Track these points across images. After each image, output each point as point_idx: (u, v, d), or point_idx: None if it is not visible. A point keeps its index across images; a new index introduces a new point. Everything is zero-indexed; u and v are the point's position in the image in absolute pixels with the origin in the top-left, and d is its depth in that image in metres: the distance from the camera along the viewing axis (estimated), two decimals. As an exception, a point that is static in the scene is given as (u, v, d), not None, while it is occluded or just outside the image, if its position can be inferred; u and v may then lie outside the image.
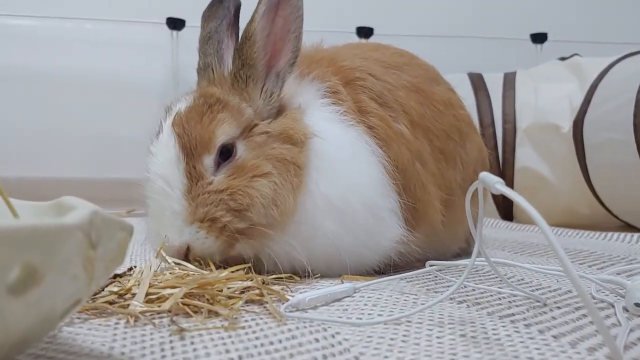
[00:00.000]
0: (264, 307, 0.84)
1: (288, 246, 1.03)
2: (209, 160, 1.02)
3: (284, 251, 1.03)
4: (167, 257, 0.98)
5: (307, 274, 1.05)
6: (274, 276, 1.01)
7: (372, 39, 3.24)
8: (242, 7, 1.21)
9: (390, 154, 1.13)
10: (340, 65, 1.22)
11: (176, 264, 0.97)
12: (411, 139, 1.19)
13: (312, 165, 1.06)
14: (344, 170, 1.08)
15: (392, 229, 1.12)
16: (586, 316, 0.80)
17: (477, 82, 2.71)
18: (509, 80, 2.70)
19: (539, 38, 3.41)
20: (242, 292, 0.86)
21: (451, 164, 1.28)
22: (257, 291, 0.87)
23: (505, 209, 2.59)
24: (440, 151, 1.26)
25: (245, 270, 0.96)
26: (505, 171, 2.56)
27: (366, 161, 1.11)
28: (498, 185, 0.64)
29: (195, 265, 0.97)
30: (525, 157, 2.53)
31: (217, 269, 0.97)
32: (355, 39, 3.21)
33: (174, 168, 1.01)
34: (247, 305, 0.84)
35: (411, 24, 3.32)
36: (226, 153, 1.03)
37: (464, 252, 1.44)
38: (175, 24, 3.09)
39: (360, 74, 1.21)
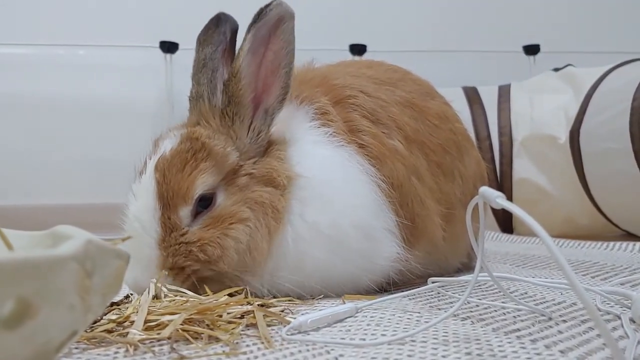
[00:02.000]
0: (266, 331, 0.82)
1: (268, 282, 1.03)
2: (184, 211, 1.01)
3: (267, 285, 1.03)
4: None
5: (303, 297, 1.04)
6: (274, 300, 1.00)
7: (365, 56, 3.25)
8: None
9: (385, 171, 1.12)
10: (331, 84, 1.21)
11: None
12: (406, 154, 1.18)
13: (296, 197, 1.05)
14: (333, 194, 1.07)
15: (388, 248, 1.10)
16: (593, 329, 0.79)
17: (472, 96, 2.71)
18: (504, 93, 2.70)
19: (531, 50, 3.42)
20: (242, 317, 0.85)
21: (449, 178, 1.28)
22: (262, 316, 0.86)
23: (505, 222, 2.58)
24: (438, 165, 1.25)
25: (245, 293, 0.95)
26: (504, 183, 2.56)
27: (358, 182, 1.09)
28: (499, 199, 0.63)
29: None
30: (523, 169, 2.53)
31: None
32: (348, 56, 3.21)
33: (150, 215, 1.01)
34: (248, 330, 0.83)
35: (404, 40, 3.34)
36: (205, 201, 1.02)
37: (466, 267, 1.43)
38: (169, 47, 3.10)
39: (351, 91, 1.20)
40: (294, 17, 1.06)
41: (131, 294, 0.97)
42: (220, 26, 1.18)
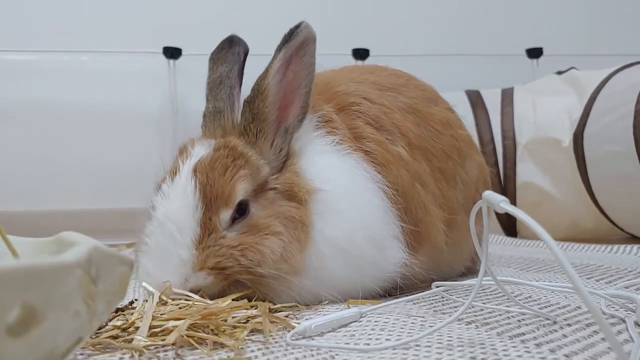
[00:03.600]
0: (270, 335, 0.82)
1: (294, 295, 1.03)
2: (225, 214, 1.00)
3: (295, 294, 1.03)
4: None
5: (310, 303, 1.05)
6: (279, 305, 1.00)
7: (368, 61, 3.25)
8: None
9: (390, 177, 1.13)
10: (334, 91, 1.22)
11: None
12: (410, 161, 1.18)
13: (315, 212, 1.06)
14: (347, 207, 1.08)
15: (395, 255, 1.11)
16: (597, 333, 0.79)
17: (475, 99, 2.71)
18: (507, 96, 2.70)
19: (534, 53, 3.42)
20: (247, 321, 0.85)
21: (452, 184, 1.28)
22: (261, 319, 0.86)
23: (509, 225, 2.58)
24: (440, 171, 1.25)
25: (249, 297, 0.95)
26: (507, 187, 2.55)
27: (366, 190, 1.10)
28: (502, 203, 0.63)
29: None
30: (526, 172, 2.52)
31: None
32: (351, 61, 3.22)
33: (189, 216, 0.99)
34: (253, 335, 0.83)
35: (407, 44, 3.34)
36: (241, 209, 1.02)
37: (470, 271, 1.43)
38: (172, 53, 3.11)
39: (354, 98, 1.20)
40: (316, 41, 1.08)
41: (135, 300, 0.97)
42: (233, 47, 1.19)
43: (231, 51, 1.19)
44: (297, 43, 1.06)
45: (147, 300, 0.90)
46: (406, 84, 1.34)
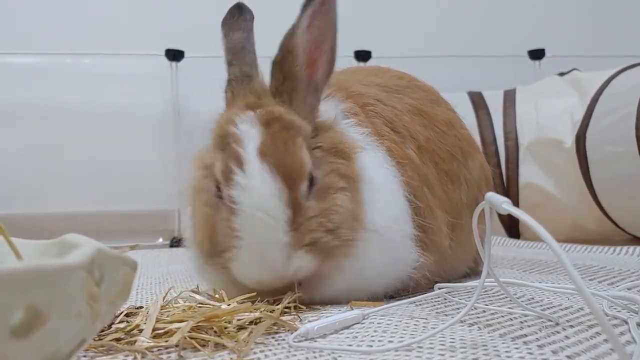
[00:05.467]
0: (273, 338, 0.82)
1: (359, 265, 1.04)
2: (304, 187, 1.00)
3: (355, 271, 1.05)
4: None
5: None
6: (280, 305, 1.00)
7: (370, 62, 3.26)
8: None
9: (405, 177, 1.13)
10: (349, 91, 1.23)
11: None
12: (419, 164, 1.19)
13: (364, 201, 1.06)
14: (384, 197, 1.09)
15: (411, 255, 1.12)
16: (600, 334, 0.78)
17: (477, 101, 2.71)
18: (509, 98, 2.70)
19: (536, 54, 3.42)
20: (251, 324, 0.85)
21: (457, 185, 1.28)
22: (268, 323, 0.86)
23: (511, 227, 2.58)
24: (446, 173, 1.25)
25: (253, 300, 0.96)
26: (510, 188, 2.55)
27: (395, 184, 1.12)
28: (505, 205, 0.64)
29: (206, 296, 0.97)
30: (529, 173, 2.52)
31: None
32: (353, 62, 3.22)
33: (276, 199, 0.97)
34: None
35: (409, 46, 3.34)
36: (310, 177, 1.02)
37: (473, 272, 1.43)
38: (175, 55, 3.11)
39: (367, 99, 1.22)
40: None
41: (141, 307, 0.97)
42: (244, 14, 1.18)
43: (242, 18, 1.17)
44: (310, 3, 1.05)
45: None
46: (409, 85, 1.35)
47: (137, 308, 0.96)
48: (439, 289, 1.02)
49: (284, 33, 1.05)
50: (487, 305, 1.01)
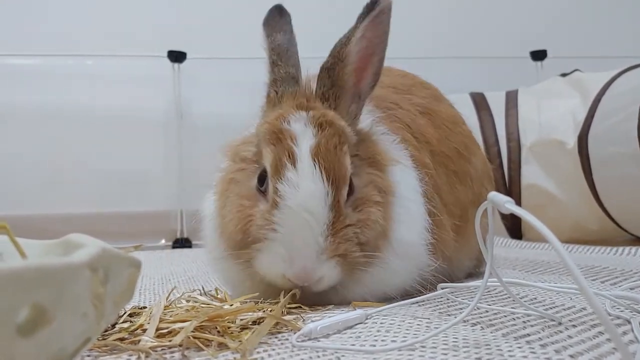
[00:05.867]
0: (276, 337, 0.83)
1: (378, 277, 1.05)
2: (344, 194, 1.00)
3: (373, 283, 1.06)
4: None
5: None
6: (280, 304, 1.00)
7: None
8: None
9: (424, 187, 1.14)
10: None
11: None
12: (433, 172, 1.20)
13: (393, 217, 1.06)
14: (412, 212, 1.10)
15: (426, 260, 1.12)
16: (603, 334, 0.79)
17: (480, 102, 2.71)
18: (511, 99, 2.70)
19: (538, 55, 3.42)
20: (254, 323, 0.85)
21: (464, 184, 1.30)
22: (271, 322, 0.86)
23: (514, 227, 2.58)
24: (455, 173, 1.27)
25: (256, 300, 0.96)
26: (512, 189, 2.55)
27: (420, 197, 1.13)
28: (508, 204, 0.64)
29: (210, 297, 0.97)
30: (531, 174, 2.52)
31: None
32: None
33: (321, 202, 0.98)
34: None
35: (411, 47, 3.33)
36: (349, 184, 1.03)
37: (475, 271, 1.43)
38: (177, 56, 3.12)
39: (386, 103, 1.23)
40: (391, 11, 1.08)
41: (144, 307, 0.97)
42: (284, 16, 1.18)
43: (283, 20, 1.17)
44: (377, 12, 1.06)
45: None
46: (414, 84, 1.36)
47: (141, 308, 0.96)
48: (442, 289, 1.02)
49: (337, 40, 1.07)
50: (489, 305, 1.01)
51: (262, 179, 1.03)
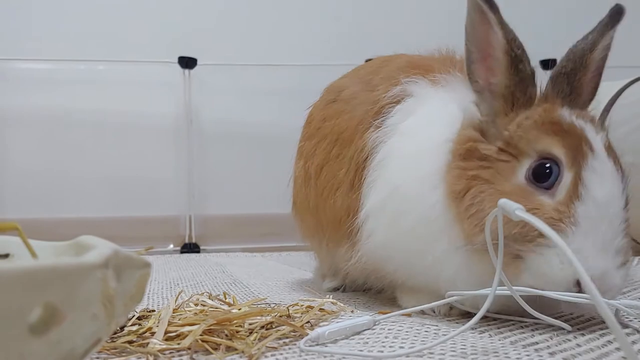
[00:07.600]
0: (284, 342, 0.83)
1: None
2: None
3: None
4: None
5: None
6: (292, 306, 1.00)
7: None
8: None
9: None
10: None
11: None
12: None
13: None
14: None
15: None
16: (612, 342, 0.78)
17: (490, 111, 2.71)
18: (521, 107, 2.70)
19: (548, 64, 3.41)
20: (263, 328, 0.86)
21: None
22: (280, 327, 0.86)
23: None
24: None
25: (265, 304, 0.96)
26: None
27: None
28: (518, 211, 0.64)
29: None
30: (541, 183, 2.51)
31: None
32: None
33: (622, 201, 0.92)
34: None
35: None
36: None
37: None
38: (187, 62, 3.13)
39: None
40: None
41: (152, 310, 0.97)
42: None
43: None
44: (617, 23, 1.04)
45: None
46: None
47: (149, 311, 0.97)
48: (450, 296, 1.02)
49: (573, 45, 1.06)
50: (498, 312, 1.00)
51: (537, 172, 0.90)
